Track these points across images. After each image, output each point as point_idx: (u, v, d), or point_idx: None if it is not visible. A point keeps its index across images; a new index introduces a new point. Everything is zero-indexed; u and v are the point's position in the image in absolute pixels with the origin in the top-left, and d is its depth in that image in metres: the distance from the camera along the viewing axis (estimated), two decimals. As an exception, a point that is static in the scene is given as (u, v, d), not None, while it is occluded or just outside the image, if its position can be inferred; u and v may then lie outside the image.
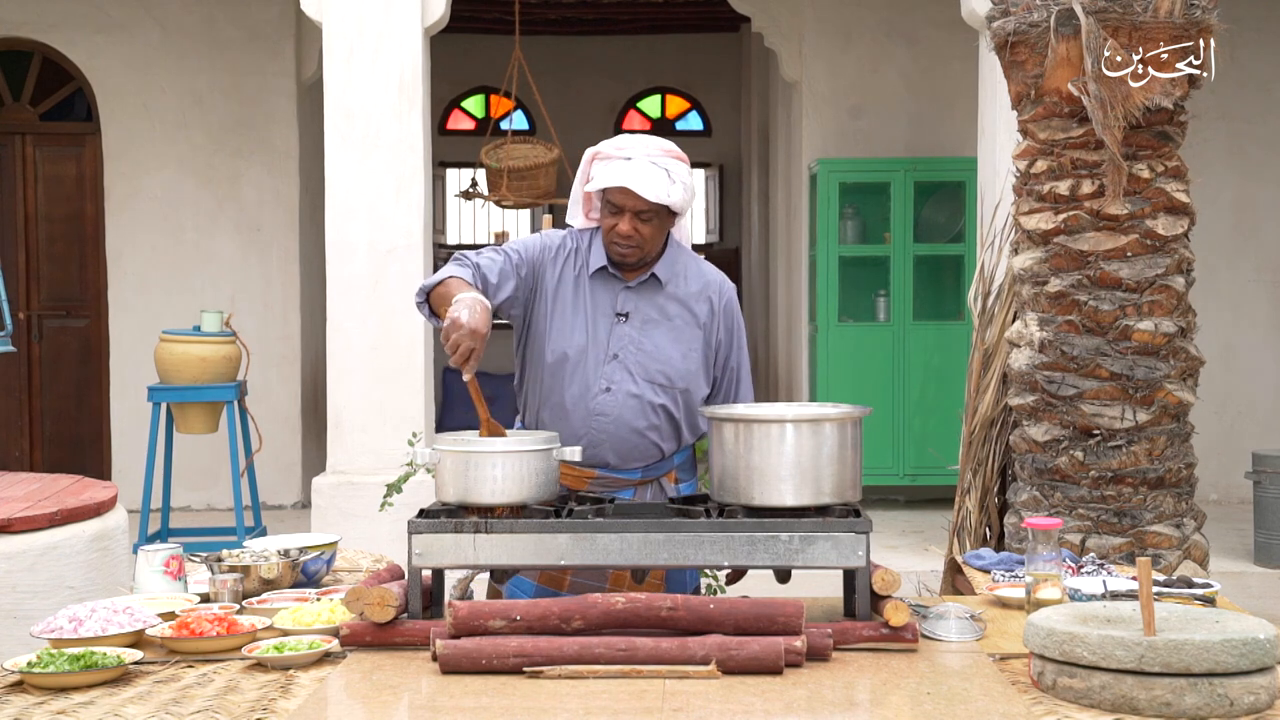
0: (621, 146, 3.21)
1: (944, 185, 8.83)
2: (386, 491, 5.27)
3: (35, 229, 9.42)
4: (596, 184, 3.18)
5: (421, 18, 6.82)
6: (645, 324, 3.25)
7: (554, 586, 3.21)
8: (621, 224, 3.17)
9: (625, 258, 3.22)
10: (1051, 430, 4.52)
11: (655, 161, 3.16)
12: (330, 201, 6.84)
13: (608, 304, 3.26)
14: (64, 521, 4.19)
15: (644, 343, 3.24)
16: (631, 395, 3.22)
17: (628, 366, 3.23)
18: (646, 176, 3.13)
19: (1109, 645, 2.25)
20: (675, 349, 3.26)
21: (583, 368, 3.22)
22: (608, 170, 3.17)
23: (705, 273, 3.36)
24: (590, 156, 3.27)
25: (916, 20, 8.99)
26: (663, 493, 3.32)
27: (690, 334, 3.28)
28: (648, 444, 3.26)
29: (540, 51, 11.65)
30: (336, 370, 6.82)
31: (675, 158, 3.20)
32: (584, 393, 3.22)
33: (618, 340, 3.24)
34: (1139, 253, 4.43)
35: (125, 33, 9.18)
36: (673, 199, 3.14)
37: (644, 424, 3.23)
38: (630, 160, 3.16)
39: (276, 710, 2.31)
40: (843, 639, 2.64)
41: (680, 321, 3.28)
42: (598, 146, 3.27)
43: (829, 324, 8.78)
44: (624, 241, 3.19)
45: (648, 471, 3.30)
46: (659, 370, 3.24)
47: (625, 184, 3.12)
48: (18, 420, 9.44)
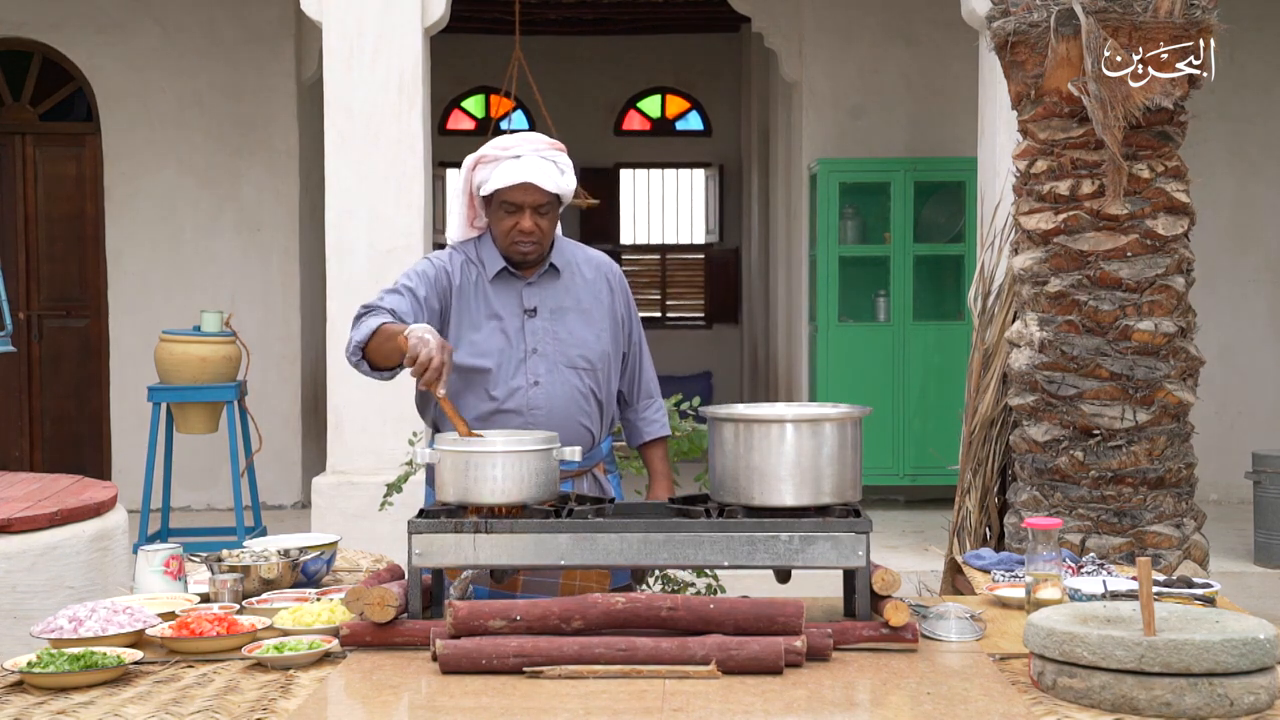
0: (507, 146, 3.27)
1: (944, 185, 8.83)
2: (386, 491, 5.27)
3: (35, 229, 9.42)
4: (494, 184, 3.23)
5: (421, 18, 6.82)
6: (554, 314, 3.34)
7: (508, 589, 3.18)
8: (523, 221, 3.25)
9: (528, 255, 3.30)
10: (1051, 430, 4.51)
11: (544, 155, 3.25)
12: (330, 201, 6.83)
13: (514, 303, 3.33)
14: (64, 521, 4.19)
15: (558, 331, 3.33)
16: (559, 384, 3.30)
17: (549, 357, 3.31)
18: (542, 170, 3.22)
19: (1109, 645, 2.25)
20: (588, 331, 3.36)
21: (506, 369, 3.29)
22: (500, 171, 3.23)
23: (593, 256, 3.48)
24: (471, 164, 3.30)
25: (916, 20, 8.99)
26: (598, 484, 3.40)
27: (598, 315, 3.39)
28: (582, 430, 3.34)
29: (540, 51, 11.65)
30: (336, 370, 6.81)
31: (558, 149, 3.30)
32: (514, 391, 3.28)
33: (532, 335, 3.32)
34: (1139, 253, 4.42)
35: (125, 33, 9.18)
36: (566, 188, 3.26)
37: (575, 409, 3.32)
38: (520, 158, 3.23)
39: (276, 710, 2.31)
40: (843, 639, 2.64)
41: (586, 305, 3.38)
42: (478, 152, 3.31)
43: (829, 324, 8.78)
44: (526, 239, 3.26)
45: (584, 461, 3.35)
46: (579, 355, 3.34)
47: (528, 179, 3.20)
48: (18, 420, 9.44)
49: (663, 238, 14.16)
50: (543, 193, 3.23)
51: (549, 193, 3.24)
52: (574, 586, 3.23)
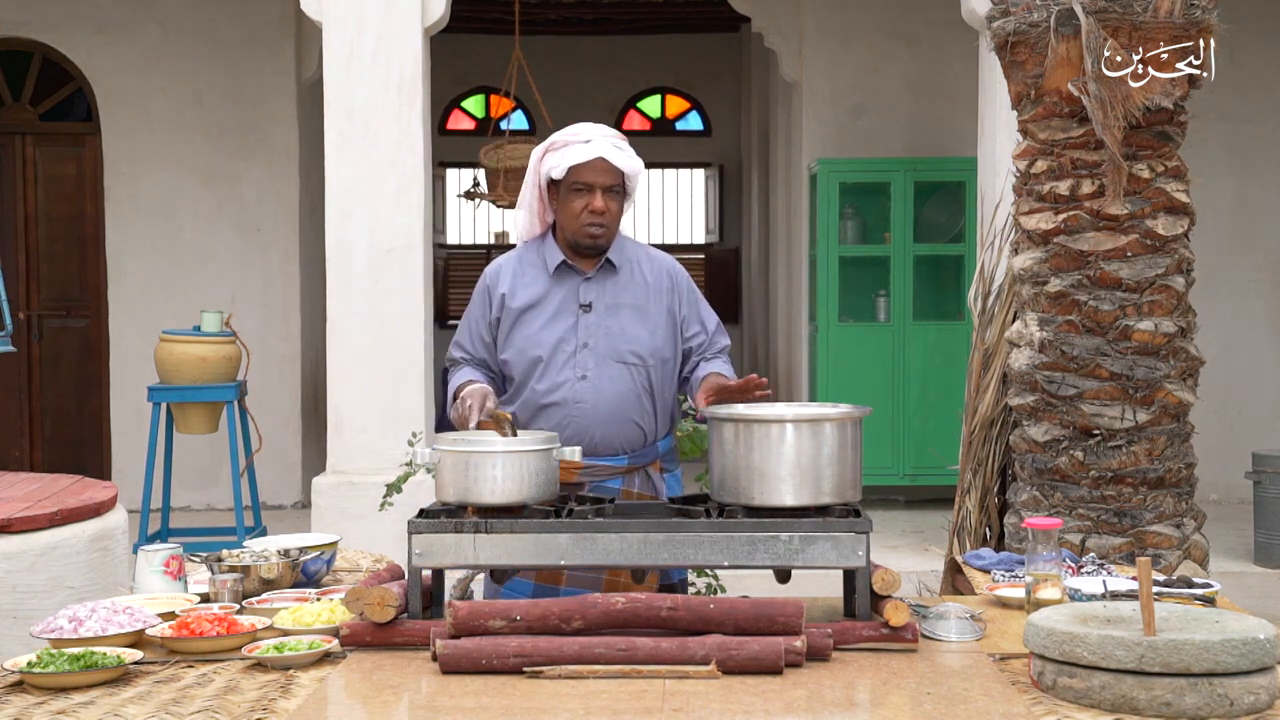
0: (576, 133, 3.36)
1: (944, 185, 8.83)
2: (386, 491, 5.27)
3: (35, 229, 9.42)
4: (566, 163, 3.30)
5: (421, 18, 6.82)
6: (609, 310, 3.38)
7: (552, 583, 3.25)
8: (594, 200, 3.32)
9: (598, 239, 3.35)
10: (1051, 430, 4.51)
11: (613, 142, 3.35)
12: (330, 201, 6.83)
13: (571, 298, 3.38)
14: (64, 521, 4.19)
15: (610, 326, 3.37)
16: (607, 379, 3.33)
17: (598, 352, 3.34)
18: (613, 150, 3.32)
19: (1109, 645, 2.25)
20: (642, 328, 3.38)
21: (557, 361, 3.34)
22: (571, 152, 3.32)
23: (655, 256, 3.52)
24: (540, 153, 3.39)
25: (916, 20, 8.98)
26: (650, 483, 3.39)
27: (654, 312, 3.41)
28: (630, 425, 3.36)
29: (540, 51, 11.65)
30: (336, 370, 6.81)
31: (624, 139, 3.39)
32: (562, 384, 3.33)
33: (585, 330, 3.36)
34: (1139, 253, 4.42)
35: (125, 33, 9.18)
36: (635, 170, 3.35)
37: (623, 405, 3.34)
38: (590, 141, 3.32)
39: (276, 710, 2.31)
40: (843, 639, 2.64)
41: (642, 301, 3.41)
42: (546, 141, 3.40)
43: (829, 324, 8.78)
44: (597, 219, 3.32)
45: (634, 458, 3.38)
46: (629, 350, 3.36)
47: (599, 154, 3.29)
48: (18, 420, 9.44)
49: (663, 238, 14.15)
50: (613, 171, 3.31)
51: (619, 170, 3.32)
52: (619, 584, 3.26)
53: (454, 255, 13.78)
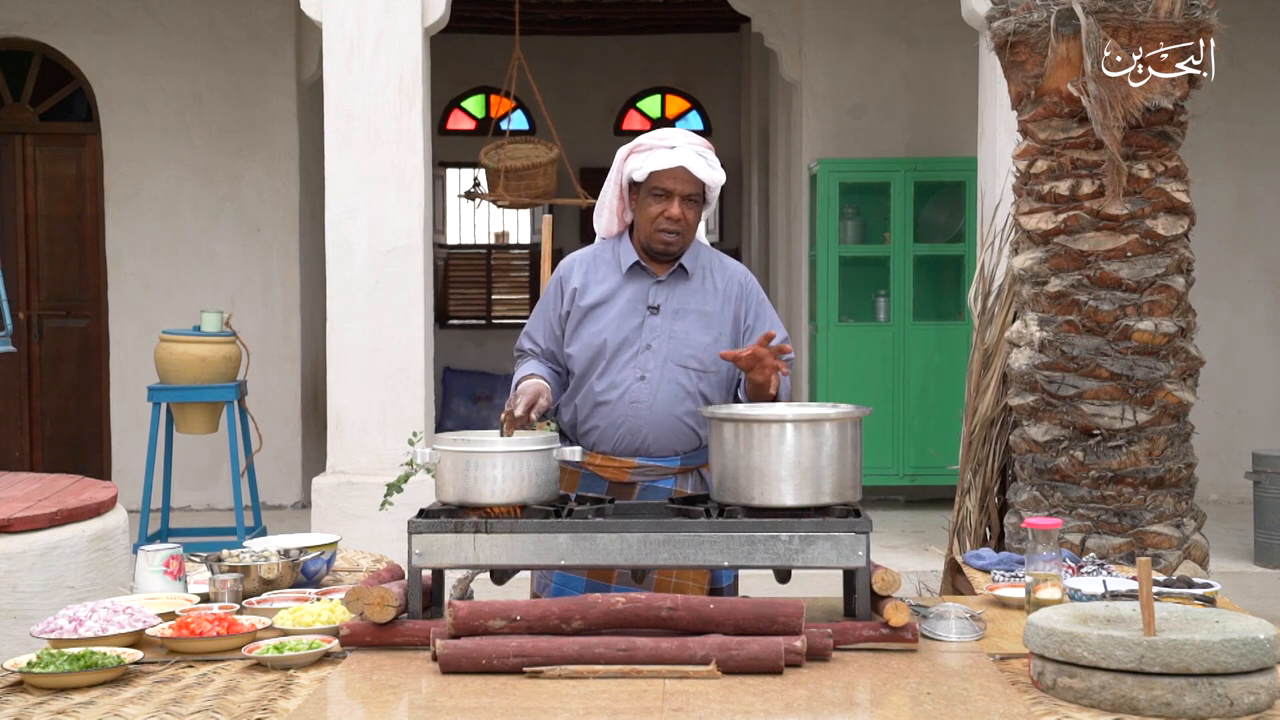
0: (663, 137, 3.36)
1: (944, 185, 8.83)
2: (386, 491, 5.24)
3: (35, 229, 9.42)
4: (648, 168, 3.31)
5: (421, 18, 6.82)
6: (675, 314, 3.40)
7: (604, 580, 3.29)
8: (672, 208, 3.32)
9: (671, 245, 3.36)
10: (1051, 430, 4.51)
11: (698, 150, 3.33)
12: (330, 201, 6.83)
13: (640, 299, 3.41)
14: (64, 521, 4.19)
15: (674, 330, 3.38)
16: (665, 381, 3.35)
17: (659, 354, 3.36)
18: (695, 159, 3.31)
19: (1109, 645, 2.25)
20: (706, 335, 3.40)
21: (619, 360, 3.36)
22: (654, 157, 3.32)
23: (727, 264, 3.53)
24: (625, 154, 3.41)
25: (916, 20, 8.98)
26: (703, 484, 3.40)
27: (719, 320, 3.43)
28: (684, 428, 3.37)
29: (540, 51, 11.64)
30: (336, 370, 6.81)
31: (709, 147, 3.38)
32: (621, 382, 3.35)
33: (650, 332, 3.38)
34: (1139, 253, 4.43)
35: (125, 33, 9.18)
36: (715, 181, 3.33)
37: (679, 408, 3.36)
38: (675, 148, 3.31)
39: (276, 710, 2.31)
40: (843, 639, 2.64)
41: (709, 309, 3.42)
42: (632, 142, 3.41)
43: (829, 324, 8.78)
44: (673, 226, 3.33)
45: (687, 459, 3.41)
46: (690, 355, 3.37)
47: (681, 163, 3.29)
48: (18, 420, 9.44)
49: (663, 237, 14.14)
50: (694, 180, 3.31)
51: (699, 180, 3.31)
52: (669, 583, 3.28)
53: (454, 255, 13.78)
